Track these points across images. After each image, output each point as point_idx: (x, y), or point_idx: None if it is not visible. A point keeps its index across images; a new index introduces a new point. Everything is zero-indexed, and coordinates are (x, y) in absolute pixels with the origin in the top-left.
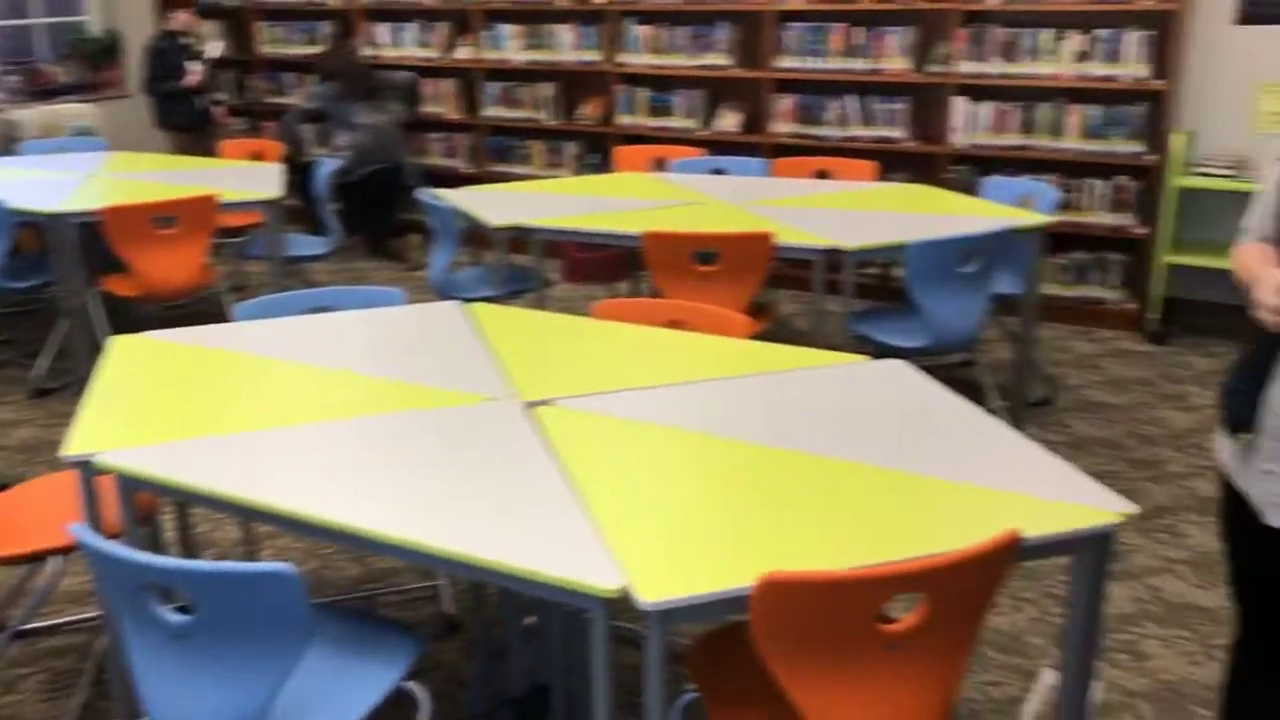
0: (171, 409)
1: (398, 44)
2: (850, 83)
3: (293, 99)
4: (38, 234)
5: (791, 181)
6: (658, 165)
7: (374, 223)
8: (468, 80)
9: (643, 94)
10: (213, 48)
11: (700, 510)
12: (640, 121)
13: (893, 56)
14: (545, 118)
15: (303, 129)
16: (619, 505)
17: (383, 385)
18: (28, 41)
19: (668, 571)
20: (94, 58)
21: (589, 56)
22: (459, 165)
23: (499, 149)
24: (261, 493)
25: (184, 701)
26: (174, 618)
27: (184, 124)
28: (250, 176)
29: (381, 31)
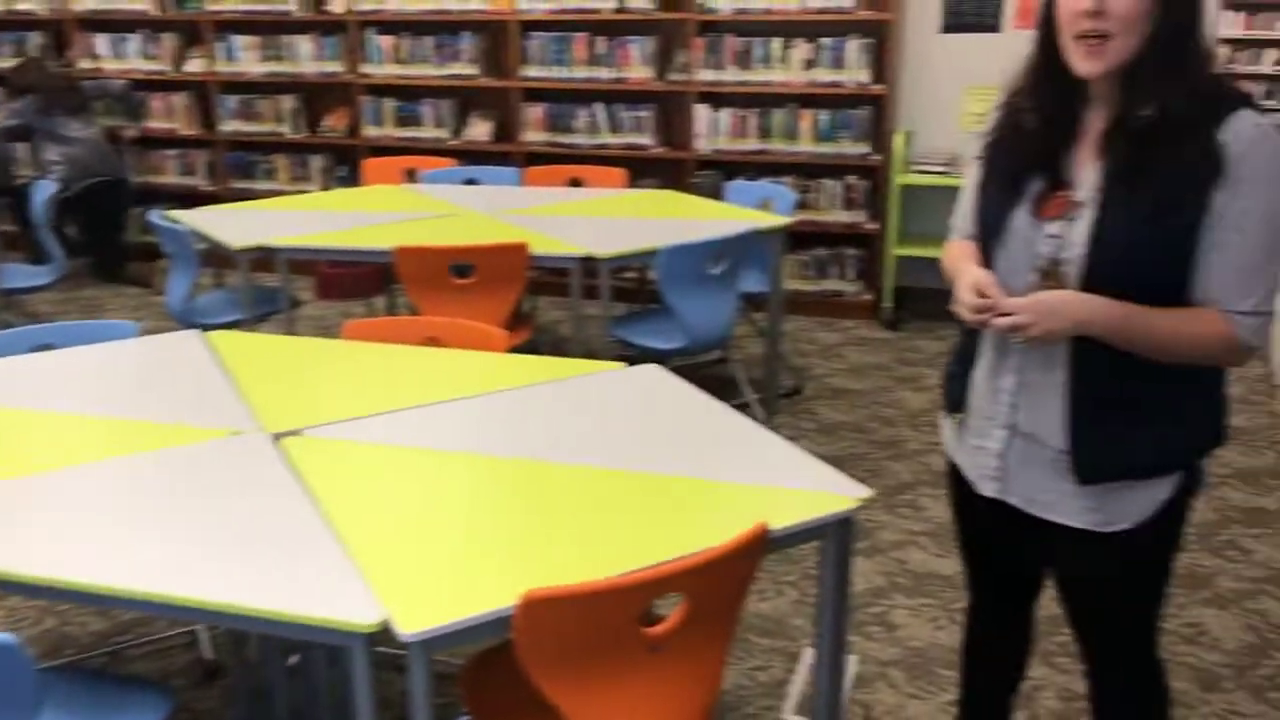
0: None
1: (120, 56)
2: (597, 91)
3: None
4: None
5: (544, 190)
6: (409, 177)
7: (101, 244)
8: (202, 94)
9: (389, 104)
10: None
11: (460, 532)
12: (388, 133)
13: (635, 65)
14: (288, 131)
15: (11, 149)
16: (375, 535)
17: (116, 426)
18: None
19: (428, 599)
20: None
21: (330, 68)
22: (199, 183)
23: (240, 165)
24: None
25: None
26: None
27: None
28: None
29: (101, 43)
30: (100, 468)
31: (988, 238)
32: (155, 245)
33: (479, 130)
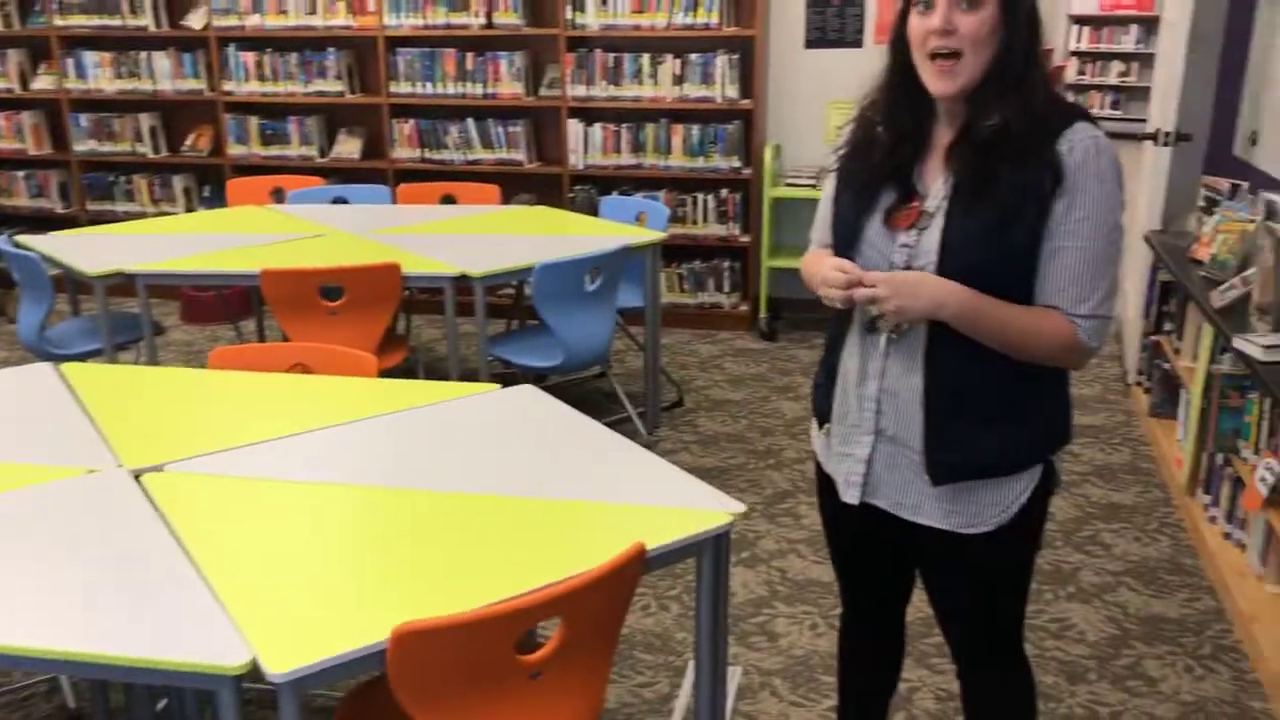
0: None
1: None
2: (468, 107)
3: None
4: None
5: (417, 208)
6: (275, 196)
7: None
8: (52, 112)
9: (254, 122)
10: None
11: (332, 566)
12: (254, 151)
13: (506, 81)
14: (148, 151)
15: None
16: (242, 573)
17: None
18: None
19: (298, 637)
20: None
21: (190, 85)
22: (53, 206)
23: (98, 186)
24: None
25: None
26: None
27: None
28: None
29: None
30: None
31: (844, 247)
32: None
33: (348, 148)
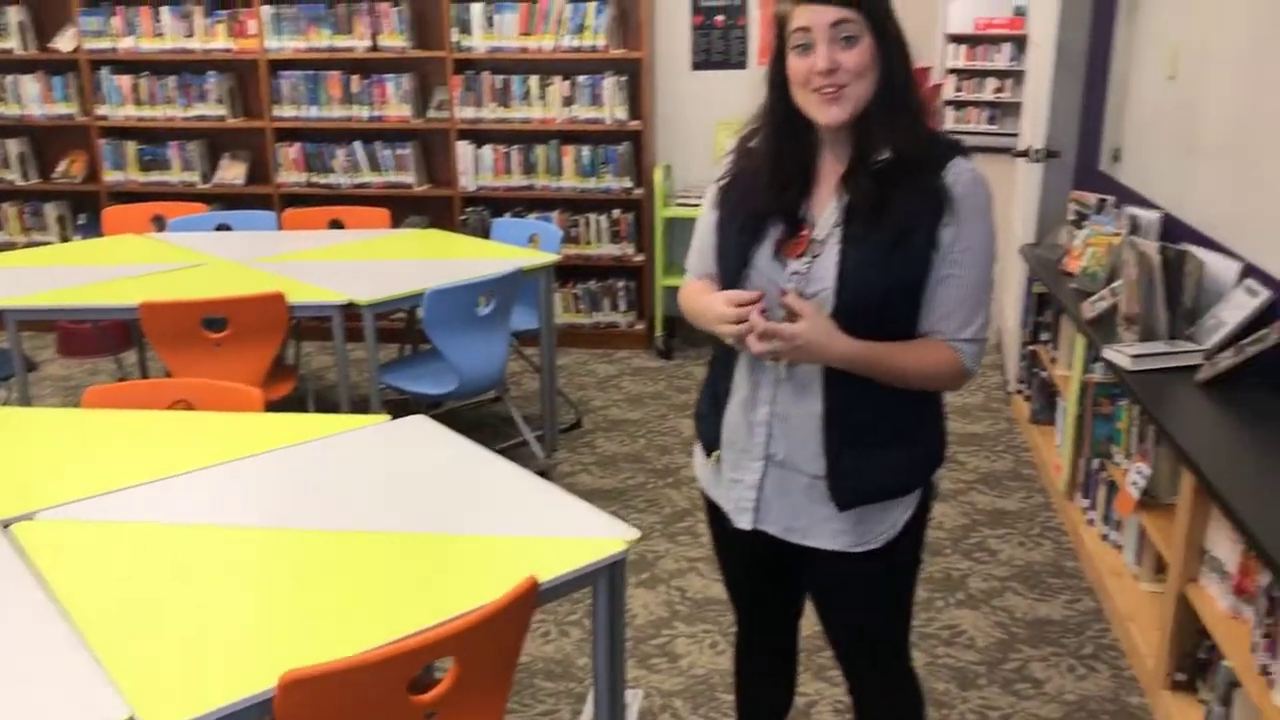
0: None
1: None
2: (355, 130)
3: None
4: None
5: (304, 234)
6: (156, 224)
7: None
8: None
9: (131, 147)
10: None
11: (216, 613)
12: (132, 177)
13: (393, 103)
14: (17, 178)
15: None
16: (121, 625)
17: None
18: None
19: (181, 690)
20: None
21: (62, 109)
22: None
23: None
24: None
25: None
26: None
27: None
28: None
29: None
30: None
31: (731, 278)
32: None
33: (231, 173)
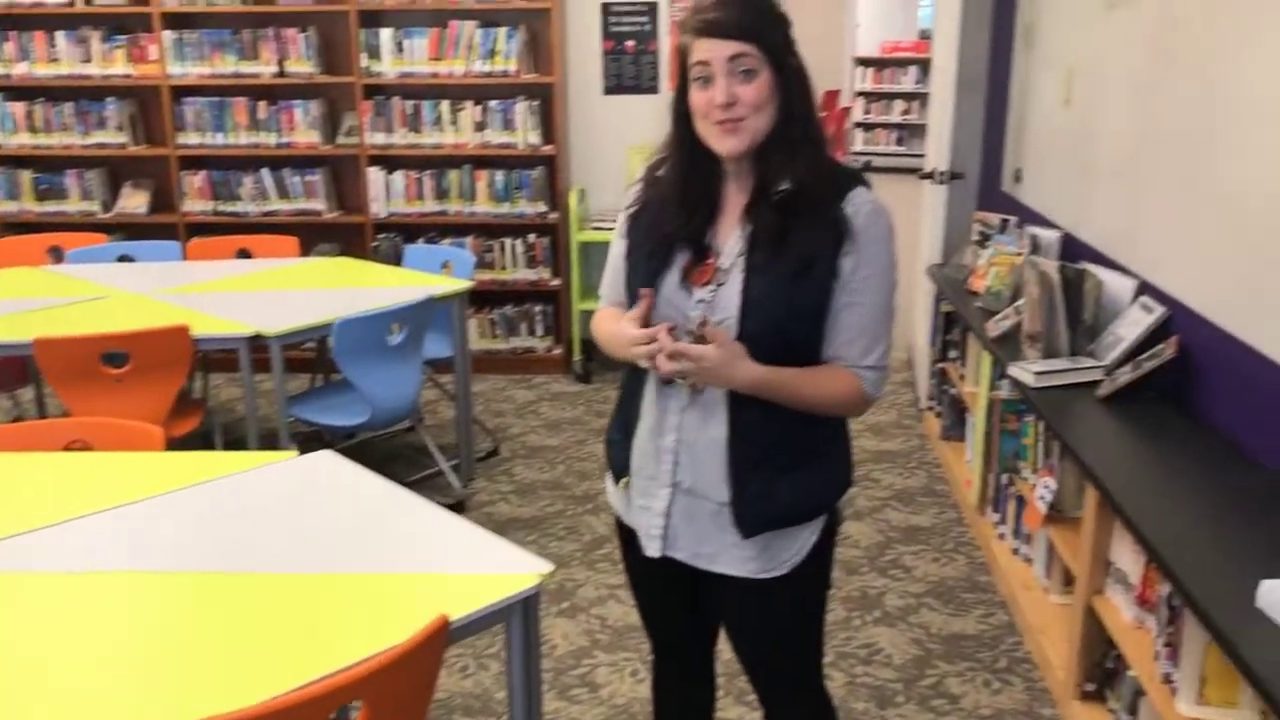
0: None
1: None
2: (263, 157)
3: None
4: None
5: (210, 264)
6: (53, 256)
7: None
8: None
9: (26, 176)
10: None
11: (116, 662)
12: (27, 207)
13: (301, 129)
14: None
15: None
16: (15, 680)
17: None
18: None
19: None
20: None
21: None
22: None
23: None
24: None
25: None
26: None
27: None
28: None
29: None
30: None
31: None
32: None
33: (134, 201)
